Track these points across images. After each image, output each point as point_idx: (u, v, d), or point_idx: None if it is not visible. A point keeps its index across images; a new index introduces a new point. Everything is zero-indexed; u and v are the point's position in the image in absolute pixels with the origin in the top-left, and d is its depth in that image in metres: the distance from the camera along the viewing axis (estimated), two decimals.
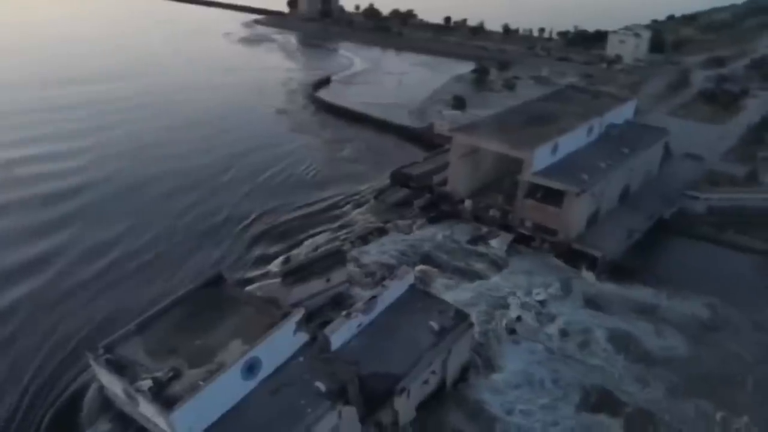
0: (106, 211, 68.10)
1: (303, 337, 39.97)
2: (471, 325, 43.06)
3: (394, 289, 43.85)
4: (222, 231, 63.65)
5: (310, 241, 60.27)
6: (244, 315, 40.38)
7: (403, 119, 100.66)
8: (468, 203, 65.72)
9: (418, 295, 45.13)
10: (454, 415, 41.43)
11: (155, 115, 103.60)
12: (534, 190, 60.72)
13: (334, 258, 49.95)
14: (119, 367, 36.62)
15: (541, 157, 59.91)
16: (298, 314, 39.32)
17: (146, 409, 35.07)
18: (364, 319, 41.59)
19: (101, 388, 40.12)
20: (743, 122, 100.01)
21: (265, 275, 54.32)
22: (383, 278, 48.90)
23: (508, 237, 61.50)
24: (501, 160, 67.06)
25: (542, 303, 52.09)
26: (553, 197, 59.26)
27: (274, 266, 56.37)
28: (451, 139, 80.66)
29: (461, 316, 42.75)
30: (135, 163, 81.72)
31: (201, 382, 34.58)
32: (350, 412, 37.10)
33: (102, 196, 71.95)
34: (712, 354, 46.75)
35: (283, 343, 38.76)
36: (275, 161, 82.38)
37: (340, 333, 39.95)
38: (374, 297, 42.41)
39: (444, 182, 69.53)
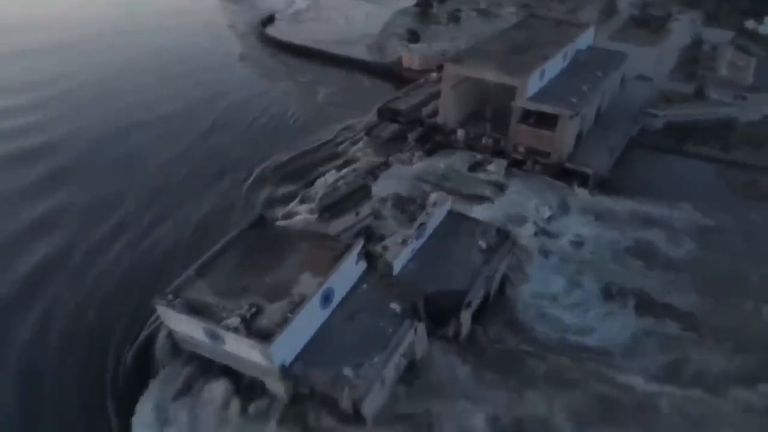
0: (93, 168, 64.45)
1: (363, 265, 42.04)
2: (514, 242, 46.55)
3: (437, 215, 46.37)
4: (224, 179, 62.28)
5: (322, 179, 60.76)
6: (302, 250, 41.56)
7: (363, 55, 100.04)
8: (460, 133, 68.19)
9: (457, 219, 47.88)
10: (498, 327, 44.52)
11: (103, 62, 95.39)
12: (526, 116, 64.16)
13: (361, 192, 51.27)
14: (193, 310, 37.29)
15: (532, 84, 63.07)
16: (359, 245, 41.19)
17: (235, 346, 36.17)
18: (416, 245, 44.08)
19: (168, 334, 40.41)
20: (675, 44, 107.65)
21: (289, 215, 54.83)
22: (412, 208, 51.35)
23: (503, 162, 64.97)
24: (484, 89, 69.69)
25: (550, 219, 56.56)
26: (545, 121, 63.01)
27: (294, 206, 57.00)
28: (427, 72, 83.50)
29: (504, 235, 46.09)
30: (101, 115, 76.49)
31: (289, 314, 36.15)
32: (422, 329, 40.15)
33: (81, 152, 67.40)
34: (721, 256, 51.30)
35: (349, 272, 40.72)
36: (252, 106, 79.68)
37: (400, 259, 42.30)
38: (423, 223, 44.84)
39: (432, 114, 71.40)
